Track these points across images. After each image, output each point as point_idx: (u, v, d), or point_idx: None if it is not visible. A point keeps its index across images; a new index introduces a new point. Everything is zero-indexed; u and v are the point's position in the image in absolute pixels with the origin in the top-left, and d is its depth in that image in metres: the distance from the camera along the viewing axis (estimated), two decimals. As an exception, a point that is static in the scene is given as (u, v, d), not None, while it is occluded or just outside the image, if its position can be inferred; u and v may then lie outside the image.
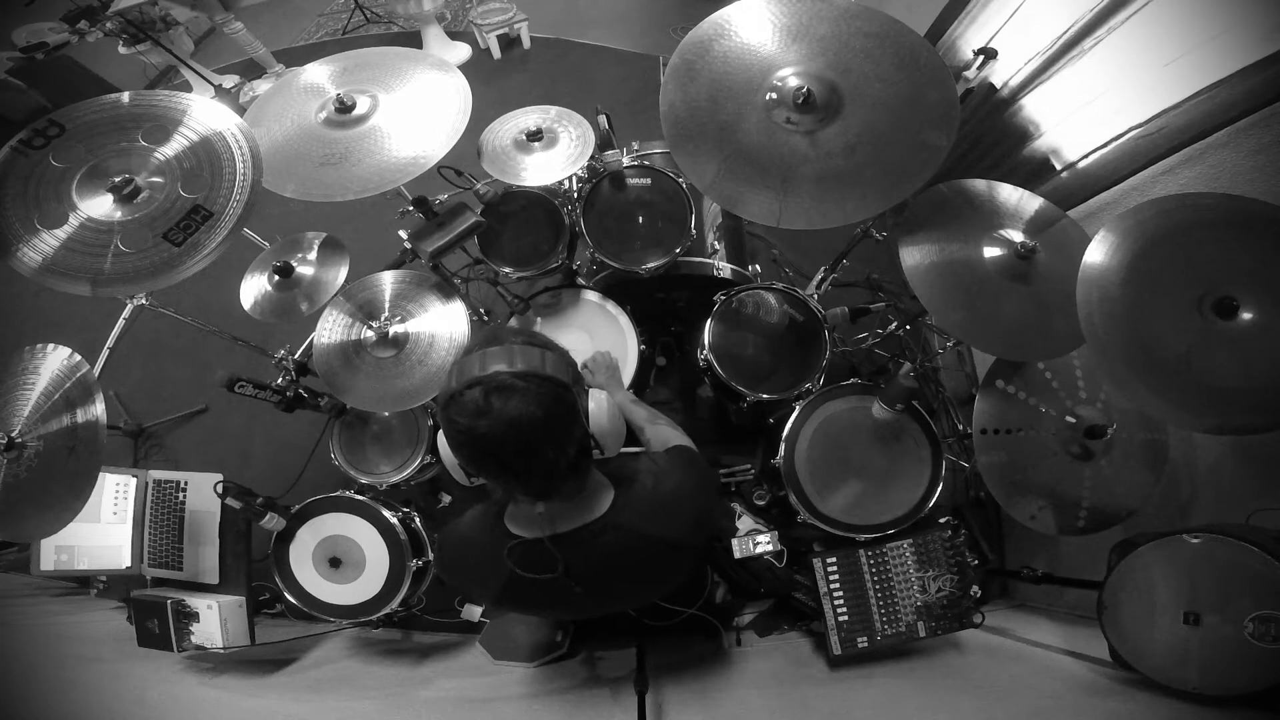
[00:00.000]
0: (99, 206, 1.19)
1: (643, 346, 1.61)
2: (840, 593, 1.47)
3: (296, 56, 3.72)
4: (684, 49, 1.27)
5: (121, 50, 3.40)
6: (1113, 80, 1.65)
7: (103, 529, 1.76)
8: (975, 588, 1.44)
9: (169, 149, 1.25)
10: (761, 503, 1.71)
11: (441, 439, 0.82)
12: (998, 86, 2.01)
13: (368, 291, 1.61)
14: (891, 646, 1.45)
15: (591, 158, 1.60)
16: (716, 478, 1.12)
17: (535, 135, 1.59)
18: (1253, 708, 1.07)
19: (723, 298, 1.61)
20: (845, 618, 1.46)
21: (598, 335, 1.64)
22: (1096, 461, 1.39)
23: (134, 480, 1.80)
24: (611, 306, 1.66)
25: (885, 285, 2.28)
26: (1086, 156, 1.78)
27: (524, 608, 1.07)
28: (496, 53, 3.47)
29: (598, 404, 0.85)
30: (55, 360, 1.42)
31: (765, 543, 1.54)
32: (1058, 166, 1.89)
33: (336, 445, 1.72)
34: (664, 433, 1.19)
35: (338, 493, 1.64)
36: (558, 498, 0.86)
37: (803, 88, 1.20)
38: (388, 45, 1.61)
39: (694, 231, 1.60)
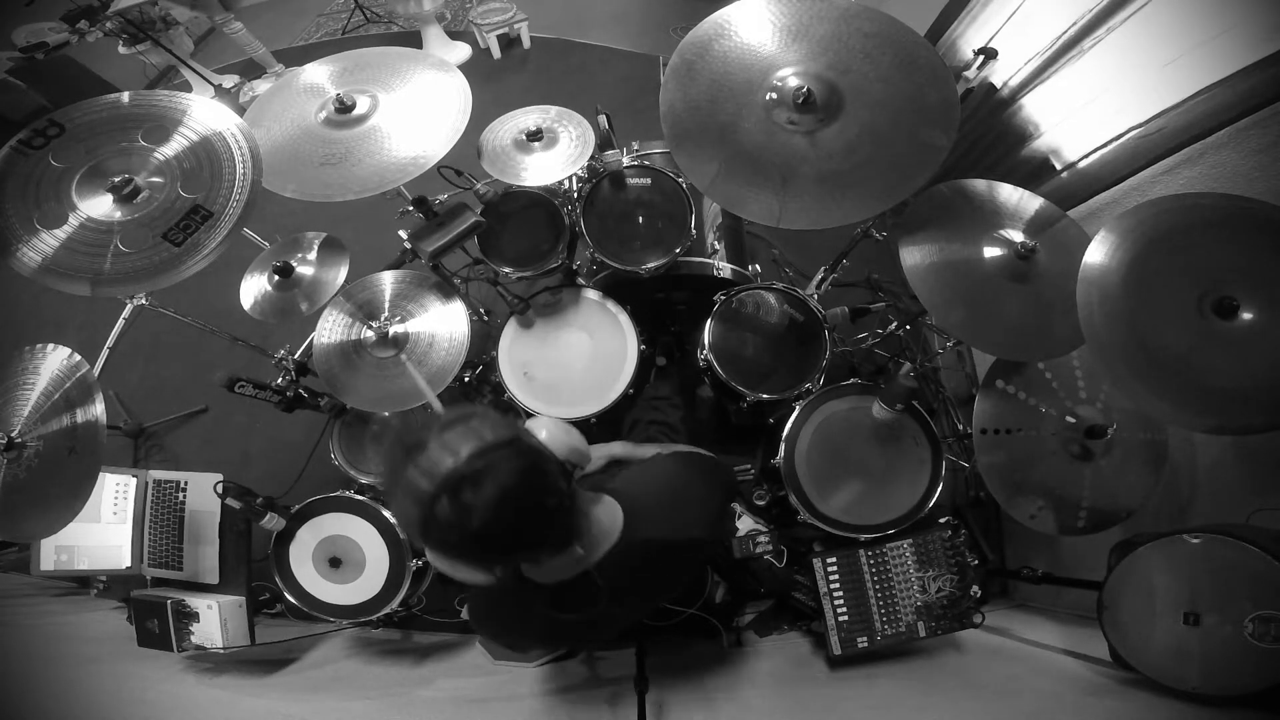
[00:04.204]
0: (99, 206, 1.20)
1: (643, 346, 1.61)
2: (840, 593, 1.47)
3: (296, 56, 3.72)
4: (684, 49, 1.27)
5: (121, 50, 3.39)
6: (1113, 80, 1.65)
7: (103, 529, 1.76)
8: (975, 588, 1.44)
9: (169, 149, 1.25)
10: (761, 503, 1.71)
11: (441, 562, 0.77)
12: (998, 86, 2.01)
13: (368, 291, 1.61)
14: (891, 646, 1.45)
15: (591, 158, 1.60)
16: (722, 469, 1.11)
17: (535, 135, 1.59)
18: (1253, 708, 1.07)
19: (723, 298, 1.61)
20: (845, 618, 1.46)
21: (597, 335, 1.64)
22: (1096, 461, 1.39)
23: (134, 480, 1.80)
24: (611, 306, 1.66)
25: (885, 285, 2.28)
26: (1086, 156, 1.78)
27: (570, 643, 1.05)
28: (496, 53, 3.47)
29: (547, 431, 0.82)
30: (55, 360, 1.42)
31: (765, 543, 1.54)
32: (1058, 166, 1.89)
33: (336, 445, 1.72)
34: (678, 447, 1.19)
35: (338, 493, 1.64)
36: (578, 535, 0.81)
37: (803, 88, 1.20)
38: (388, 45, 1.60)
39: (694, 231, 1.60)
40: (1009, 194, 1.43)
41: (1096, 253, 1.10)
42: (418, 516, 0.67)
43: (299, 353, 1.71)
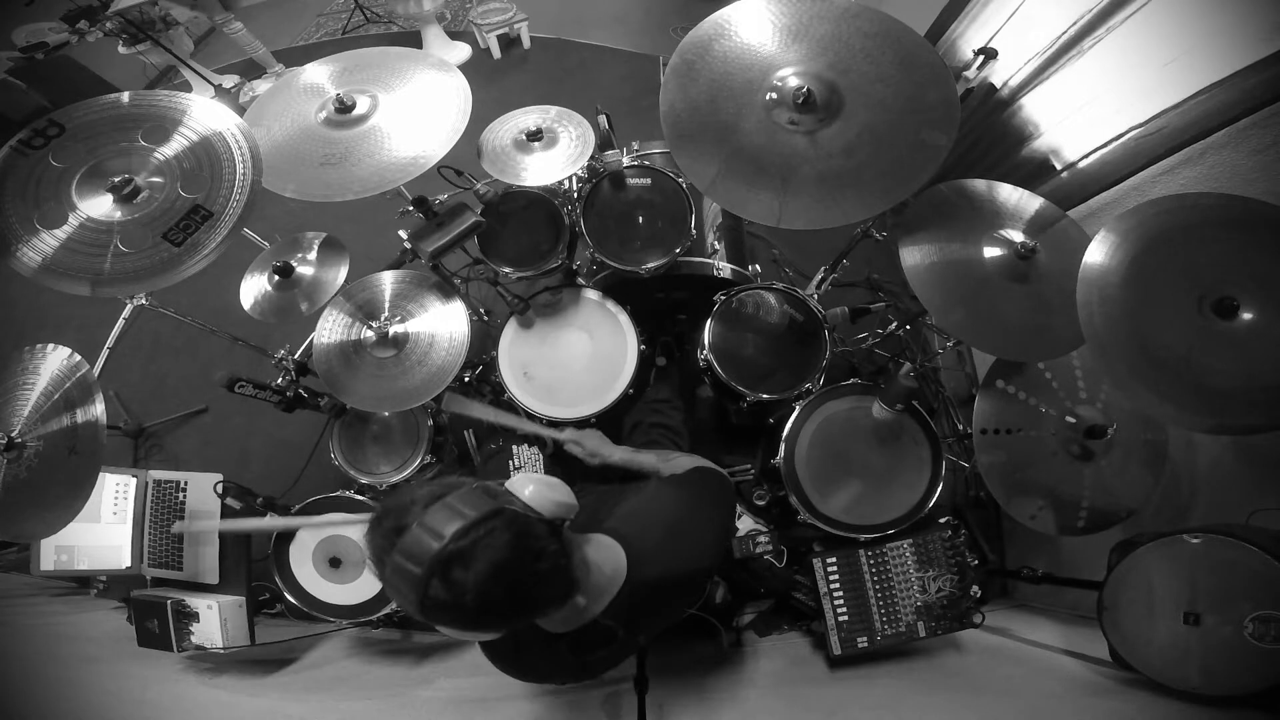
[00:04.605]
0: (99, 206, 1.20)
1: (643, 346, 1.61)
2: (840, 593, 1.47)
3: (296, 56, 3.72)
4: (684, 49, 1.27)
5: (121, 50, 3.39)
6: (1113, 80, 1.65)
7: (103, 529, 1.76)
8: (975, 588, 1.45)
9: (169, 149, 1.25)
10: (761, 503, 1.71)
11: (448, 632, 0.75)
12: (998, 86, 2.01)
13: (368, 291, 1.61)
14: (891, 647, 1.45)
15: (591, 158, 1.60)
16: (724, 484, 1.11)
17: (535, 135, 1.59)
18: (1253, 708, 1.07)
19: (723, 298, 1.61)
20: (845, 618, 1.46)
21: (597, 335, 1.64)
22: (1096, 461, 1.39)
23: (134, 480, 1.80)
24: (611, 306, 1.66)
25: (885, 285, 2.28)
26: (1086, 156, 1.78)
27: (601, 672, 1.04)
28: (496, 53, 3.47)
29: (531, 491, 0.79)
30: (55, 360, 1.42)
31: (765, 543, 1.54)
32: (1058, 166, 1.89)
33: (336, 445, 1.72)
34: (677, 464, 1.18)
35: (337, 493, 1.64)
36: (577, 587, 0.81)
37: (803, 88, 1.20)
38: (388, 45, 1.60)
39: (694, 231, 1.60)
40: (1009, 194, 1.43)
41: (1096, 253, 1.10)
42: (414, 600, 0.66)
43: (299, 353, 1.71)
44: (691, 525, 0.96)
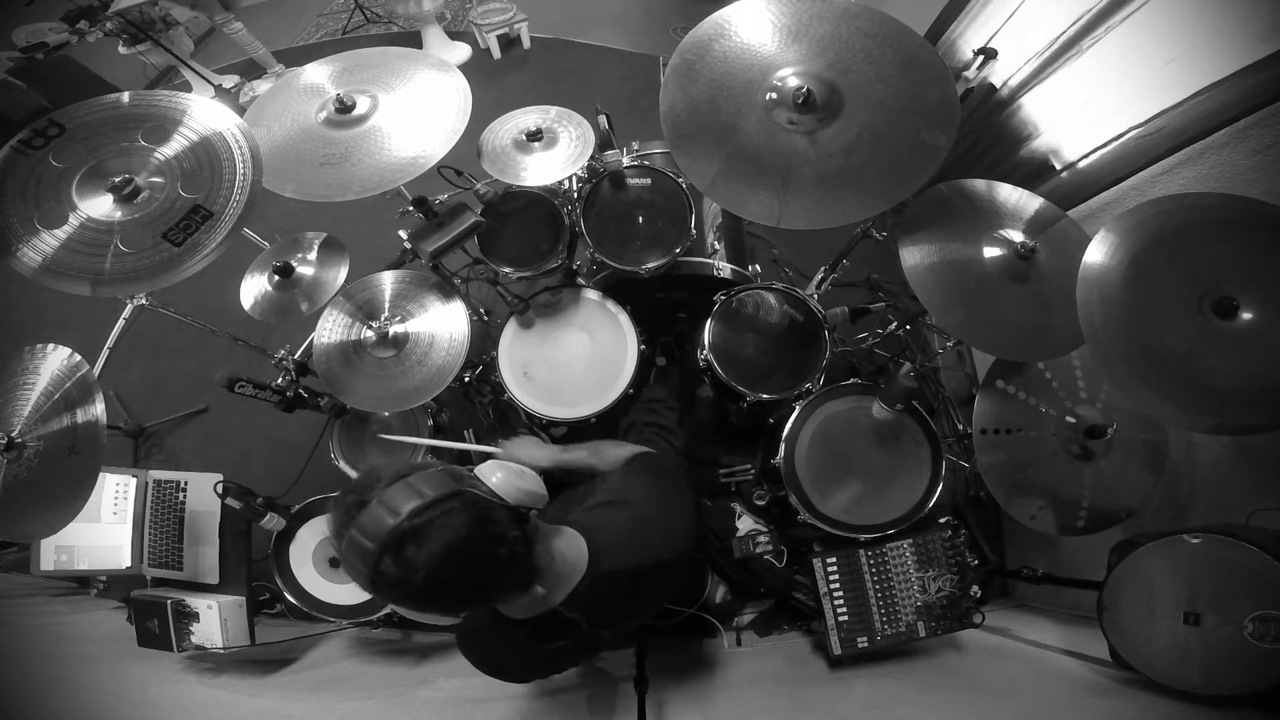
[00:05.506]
0: (99, 206, 1.20)
1: (642, 346, 1.61)
2: (840, 593, 1.47)
3: (296, 56, 3.73)
4: (684, 49, 1.27)
5: (121, 50, 3.40)
6: (1112, 80, 1.65)
7: (103, 529, 1.76)
8: (975, 588, 1.44)
9: (169, 149, 1.25)
10: (761, 503, 1.71)
11: (402, 611, 0.78)
12: (998, 86, 2.01)
13: (368, 291, 1.61)
14: (891, 646, 1.45)
15: (591, 158, 1.60)
16: (683, 470, 1.10)
17: (535, 135, 1.59)
18: (1253, 708, 1.07)
19: (723, 298, 1.61)
20: (845, 618, 1.46)
21: (597, 335, 1.64)
22: (1096, 461, 1.39)
23: (134, 480, 1.80)
24: (611, 306, 1.66)
25: (885, 285, 2.28)
26: (1086, 156, 1.78)
27: (565, 667, 1.04)
28: (496, 53, 3.48)
29: (499, 478, 0.79)
30: (55, 360, 1.42)
31: (765, 543, 1.54)
32: (1058, 166, 1.89)
33: (336, 445, 1.71)
34: (611, 454, 1.17)
35: (337, 493, 1.64)
36: (538, 575, 0.82)
37: (803, 88, 1.20)
38: (388, 45, 1.60)
39: (694, 231, 1.60)
40: (1009, 194, 1.43)
41: (1096, 253, 1.10)
42: (364, 574, 0.67)
43: (299, 353, 1.71)
44: (658, 518, 0.95)
